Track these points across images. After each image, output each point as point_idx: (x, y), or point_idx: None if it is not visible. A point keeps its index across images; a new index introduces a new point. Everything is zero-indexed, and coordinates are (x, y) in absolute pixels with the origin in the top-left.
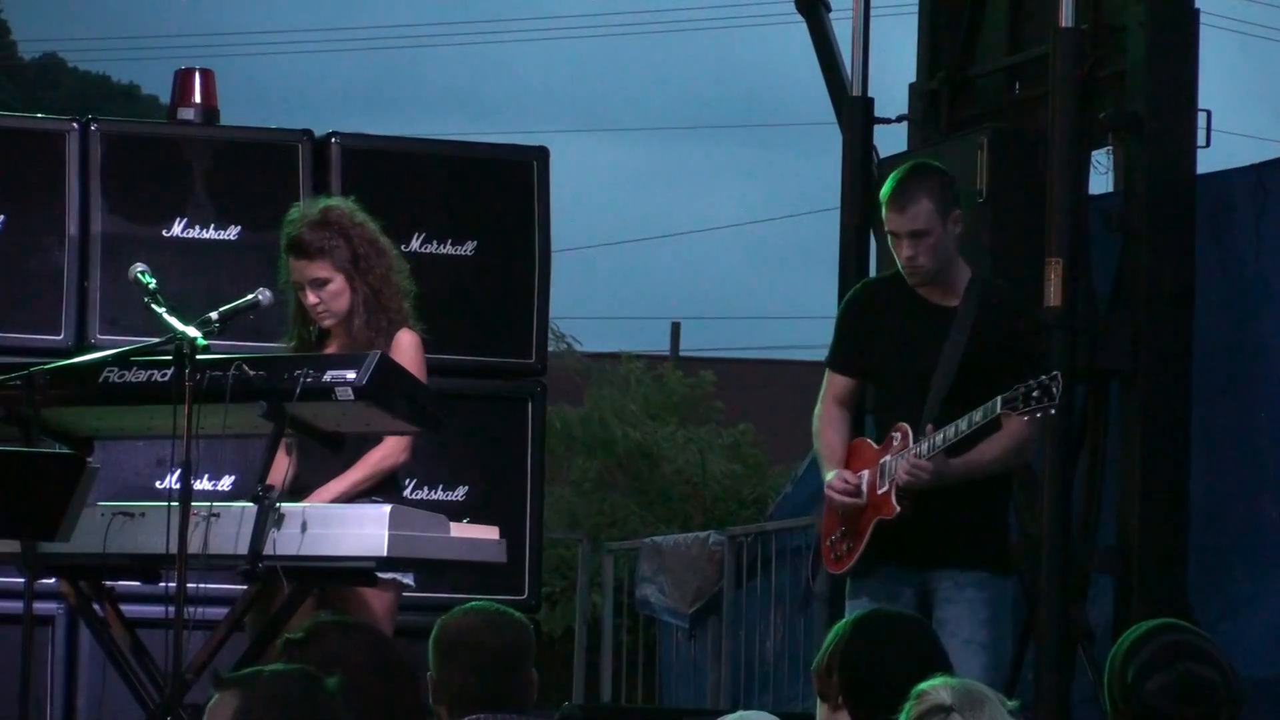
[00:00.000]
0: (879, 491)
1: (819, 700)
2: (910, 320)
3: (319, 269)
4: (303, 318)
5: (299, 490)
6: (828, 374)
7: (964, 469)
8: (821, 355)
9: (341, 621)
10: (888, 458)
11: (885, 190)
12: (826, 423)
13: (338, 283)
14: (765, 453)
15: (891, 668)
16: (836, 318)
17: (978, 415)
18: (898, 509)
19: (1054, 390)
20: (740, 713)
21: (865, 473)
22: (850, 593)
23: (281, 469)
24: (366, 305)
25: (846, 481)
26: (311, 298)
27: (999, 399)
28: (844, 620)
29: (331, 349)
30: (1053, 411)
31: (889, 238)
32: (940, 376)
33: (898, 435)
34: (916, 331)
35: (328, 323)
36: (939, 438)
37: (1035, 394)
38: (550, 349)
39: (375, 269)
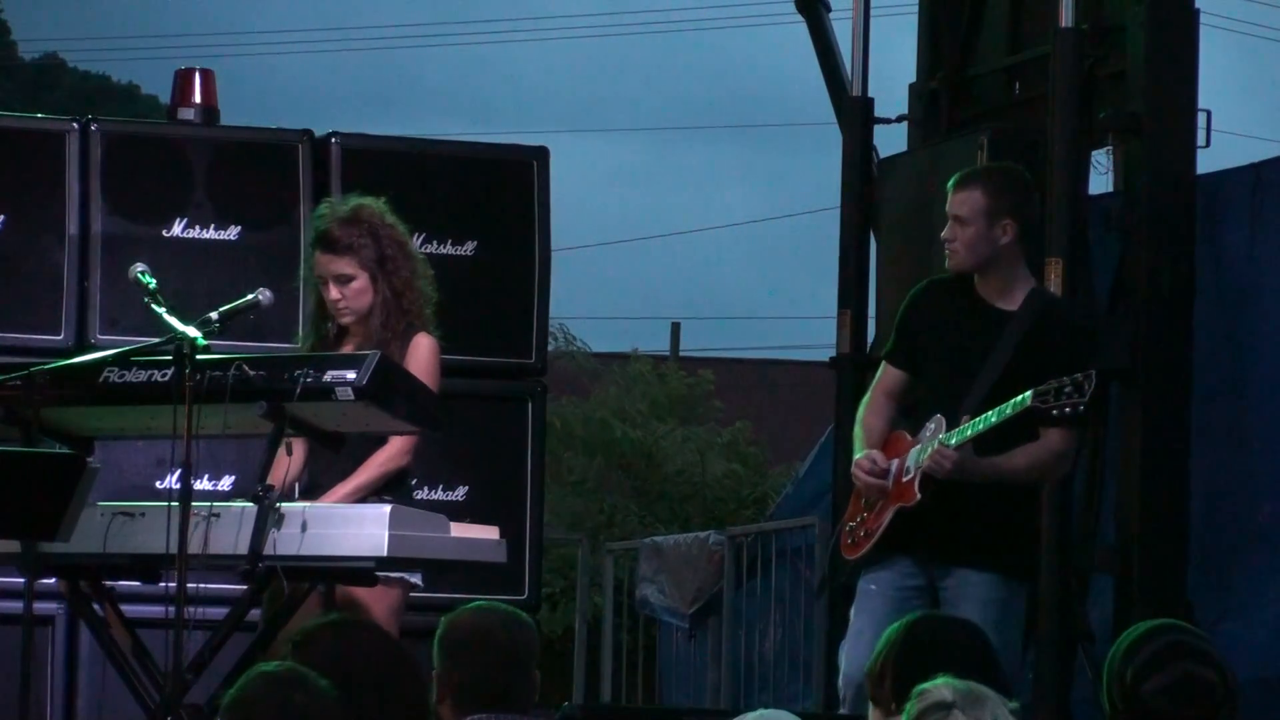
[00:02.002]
0: (904, 479)
1: (871, 705)
2: (965, 319)
3: (344, 265)
4: (322, 314)
5: (312, 489)
6: (883, 366)
7: (991, 470)
8: (822, 356)
9: (346, 621)
10: (917, 447)
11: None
12: (870, 411)
13: (361, 281)
14: (763, 451)
15: (944, 673)
16: (899, 312)
17: (1008, 408)
18: (918, 496)
19: (1086, 387)
20: (761, 711)
21: (895, 461)
22: (862, 574)
23: (283, 469)
24: (386, 306)
25: (874, 463)
26: (334, 293)
27: (1030, 392)
28: (895, 625)
29: (348, 348)
30: (1082, 408)
31: None
32: (984, 377)
33: (931, 426)
34: (969, 330)
35: (346, 320)
36: (968, 430)
37: (1068, 389)
38: (561, 348)
39: (400, 271)
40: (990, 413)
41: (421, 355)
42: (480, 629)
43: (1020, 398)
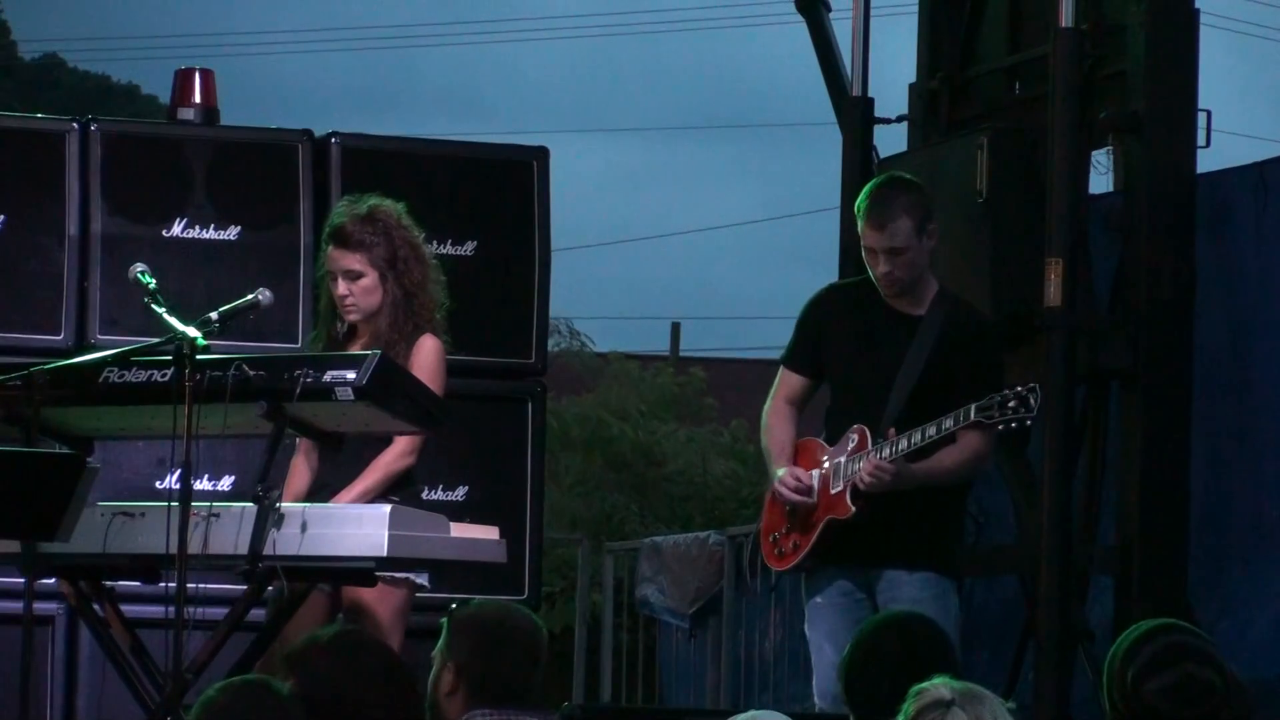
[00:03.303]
0: (832, 491)
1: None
2: (875, 326)
3: (354, 261)
4: (332, 313)
5: (320, 488)
6: (782, 371)
7: (923, 474)
8: None
9: (341, 637)
10: (842, 459)
11: (861, 205)
12: (777, 419)
13: (370, 279)
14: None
15: (882, 669)
16: (799, 317)
17: (948, 422)
18: (853, 509)
19: (1031, 402)
20: (752, 712)
21: (816, 471)
22: (806, 592)
23: (297, 479)
24: (396, 307)
25: (798, 480)
26: (341, 288)
27: (973, 406)
28: (857, 631)
29: (355, 348)
30: (1029, 423)
31: (864, 250)
32: (902, 383)
33: (855, 437)
34: (880, 337)
35: (352, 317)
36: (903, 443)
37: (1012, 404)
38: (564, 346)
39: (411, 273)
40: (929, 426)
41: (425, 356)
42: (499, 623)
43: (962, 412)
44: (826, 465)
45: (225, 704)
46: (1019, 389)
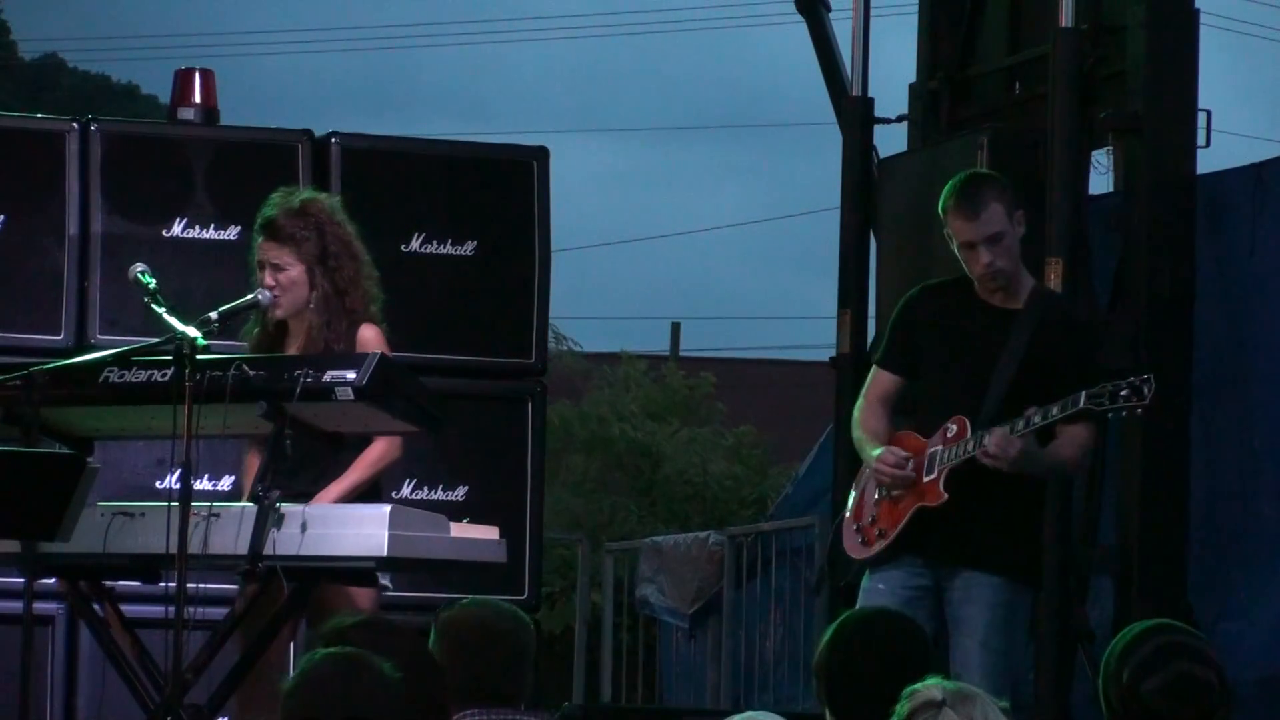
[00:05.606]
0: (925, 479)
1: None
2: (971, 321)
3: (282, 255)
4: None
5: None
6: (875, 371)
7: (1048, 460)
8: (821, 355)
9: (376, 621)
10: (939, 447)
11: (947, 201)
12: (868, 412)
13: (297, 272)
14: (766, 453)
15: (866, 668)
16: (893, 317)
17: (1055, 409)
18: (945, 496)
19: (1145, 391)
20: (749, 713)
21: (911, 460)
22: (867, 579)
23: (253, 470)
24: (327, 305)
25: (895, 454)
26: (268, 279)
27: (1083, 394)
28: (830, 625)
29: (293, 348)
30: (1139, 411)
31: (958, 249)
32: (1000, 376)
33: (953, 427)
34: (977, 331)
35: (278, 312)
36: (1020, 423)
37: (1124, 393)
38: (551, 349)
39: (342, 269)
40: (1052, 406)
41: (368, 346)
42: (483, 624)
43: (1071, 399)
44: (922, 454)
45: (327, 674)
46: (1133, 379)
